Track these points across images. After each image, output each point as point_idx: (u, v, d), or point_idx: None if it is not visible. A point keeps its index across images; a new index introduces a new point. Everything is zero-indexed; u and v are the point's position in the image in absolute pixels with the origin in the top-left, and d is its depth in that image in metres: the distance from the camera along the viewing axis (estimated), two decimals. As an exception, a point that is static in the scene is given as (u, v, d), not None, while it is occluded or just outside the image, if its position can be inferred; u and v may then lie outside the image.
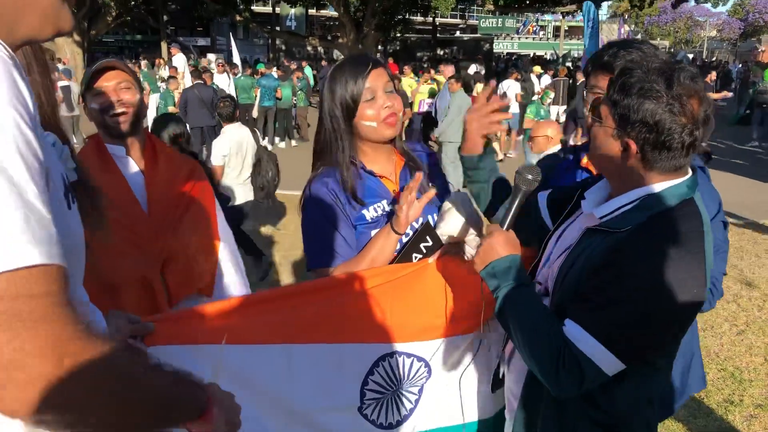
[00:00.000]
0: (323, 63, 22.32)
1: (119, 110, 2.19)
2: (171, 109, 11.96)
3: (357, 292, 1.80)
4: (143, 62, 21.08)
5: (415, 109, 12.91)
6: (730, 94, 12.31)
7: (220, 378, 1.49)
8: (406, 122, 11.54)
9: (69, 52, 21.22)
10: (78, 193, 1.09)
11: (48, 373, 0.78)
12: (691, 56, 43.38)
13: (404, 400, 1.88)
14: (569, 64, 25.11)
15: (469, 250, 1.92)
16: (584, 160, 2.09)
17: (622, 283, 1.41)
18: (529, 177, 1.68)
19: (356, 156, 1.95)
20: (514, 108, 13.34)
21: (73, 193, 1.04)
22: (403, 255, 1.91)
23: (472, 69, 15.37)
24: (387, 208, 1.95)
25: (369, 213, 1.93)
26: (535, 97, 13.71)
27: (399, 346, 1.81)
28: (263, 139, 14.48)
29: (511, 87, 14.25)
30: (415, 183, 1.84)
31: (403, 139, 2.10)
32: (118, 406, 0.87)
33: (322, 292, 1.80)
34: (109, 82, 2.20)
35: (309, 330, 1.74)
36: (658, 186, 1.46)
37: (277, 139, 14.67)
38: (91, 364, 0.82)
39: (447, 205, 1.93)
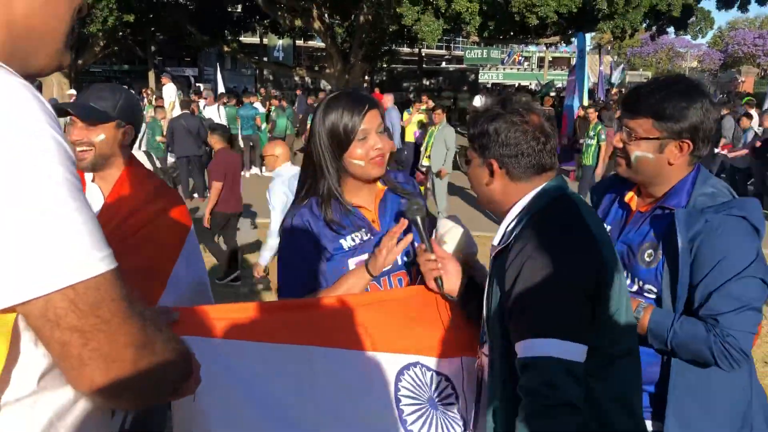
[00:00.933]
0: (298, 92, 22.45)
1: (81, 148, 2.21)
2: (159, 138, 12.00)
3: (369, 306, 1.83)
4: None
5: (408, 139, 13.08)
6: (745, 151, 11.68)
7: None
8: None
9: (56, 83, 21.32)
10: None
11: (125, 370, 0.91)
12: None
13: (450, 424, 1.83)
14: (553, 93, 25.47)
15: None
16: (627, 196, 2.11)
17: (522, 280, 1.50)
18: (414, 207, 1.92)
19: (339, 188, 1.98)
20: None
21: None
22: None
23: (477, 101, 15.46)
24: (365, 237, 1.99)
25: (347, 242, 1.97)
26: None
27: (420, 358, 1.84)
28: (250, 167, 14.53)
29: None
30: (399, 228, 1.92)
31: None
32: (161, 389, 1.04)
33: (337, 305, 1.81)
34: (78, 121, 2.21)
35: (329, 335, 1.74)
36: (527, 197, 1.64)
37: (263, 168, 14.71)
38: (161, 362, 0.97)
39: (446, 225, 1.98)
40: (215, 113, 14.46)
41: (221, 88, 17.79)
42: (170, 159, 12.40)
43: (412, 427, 1.76)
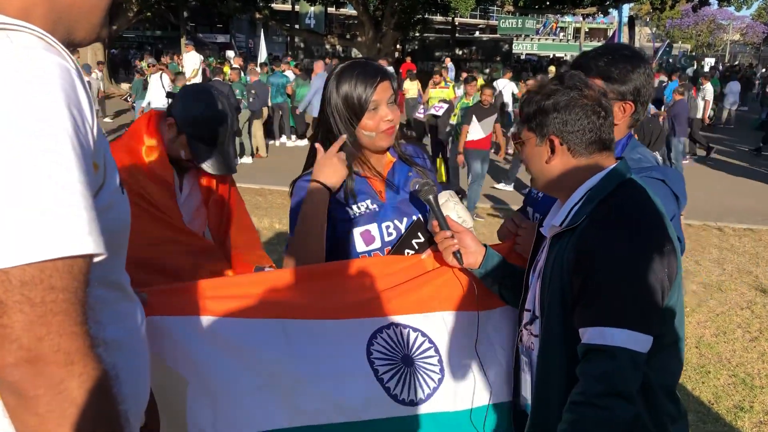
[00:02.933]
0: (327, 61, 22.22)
1: None
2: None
3: (350, 276, 1.87)
4: (165, 58, 21.15)
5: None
6: None
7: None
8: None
9: (90, 47, 21.46)
10: None
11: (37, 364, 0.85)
12: (713, 60, 42.93)
13: (425, 377, 1.90)
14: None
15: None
16: None
17: (599, 267, 1.49)
18: (426, 187, 1.91)
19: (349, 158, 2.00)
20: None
21: (123, 182, 1.16)
22: (396, 250, 1.97)
23: (502, 84, 15.16)
24: (371, 207, 2.01)
25: (352, 210, 1.99)
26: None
27: (394, 319, 1.87)
28: (279, 136, 14.55)
29: (506, 87, 14.29)
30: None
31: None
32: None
33: (315, 275, 1.86)
34: None
35: (301, 307, 1.79)
36: (594, 178, 1.61)
37: (294, 137, 14.72)
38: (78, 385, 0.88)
39: (440, 199, 1.98)
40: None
41: (262, 58, 17.59)
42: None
43: (389, 384, 1.83)
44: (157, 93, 12.14)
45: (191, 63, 16.72)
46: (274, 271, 2.00)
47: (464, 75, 15.60)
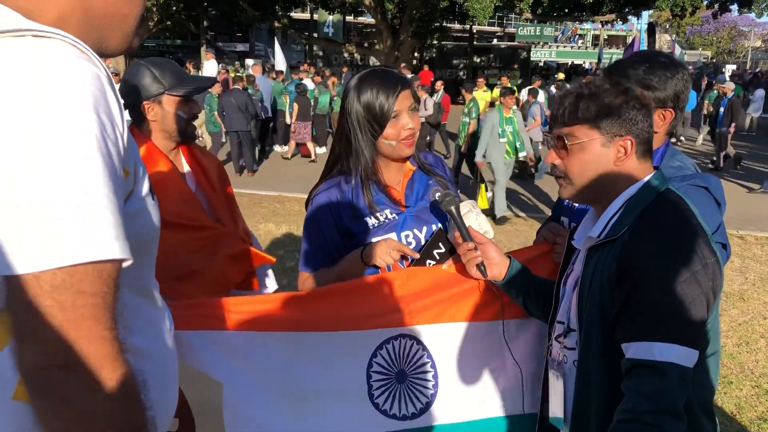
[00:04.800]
0: (344, 69, 22.19)
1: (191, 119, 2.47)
2: (215, 115, 12.10)
3: (368, 287, 1.88)
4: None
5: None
6: None
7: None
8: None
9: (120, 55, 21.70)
10: None
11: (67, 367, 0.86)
12: (734, 67, 42.47)
13: (416, 392, 1.91)
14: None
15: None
16: None
17: (645, 281, 1.44)
18: (448, 198, 1.88)
19: (372, 167, 2.00)
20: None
21: (152, 188, 1.17)
22: (417, 261, 1.96)
23: (526, 94, 15.10)
24: (390, 216, 2.01)
25: (371, 220, 1.99)
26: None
27: (402, 329, 1.88)
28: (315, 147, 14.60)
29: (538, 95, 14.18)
30: (403, 249, 1.92)
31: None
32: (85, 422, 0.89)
33: (330, 292, 1.89)
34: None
35: (314, 319, 1.82)
36: (633, 188, 1.56)
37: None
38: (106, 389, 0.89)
39: (463, 207, 1.97)
40: (265, 84, 14.52)
41: (280, 66, 17.67)
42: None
43: (378, 400, 1.87)
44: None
45: (211, 71, 16.89)
46: (291, 293, 2.04)
47: (480, 80, 15.62)
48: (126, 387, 0.91)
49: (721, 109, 13.34)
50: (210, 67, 17.17)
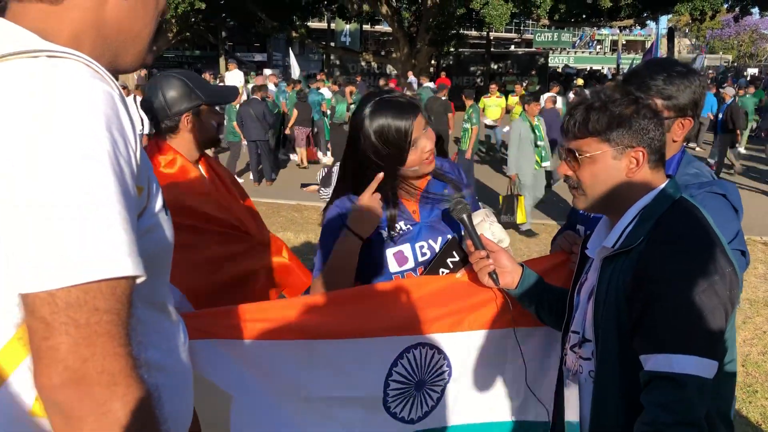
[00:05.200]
0: (358, 78, 22.14)
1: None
2: (234, 124, 12.20)
3: (382, 296, 1.88)
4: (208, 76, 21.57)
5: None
6: None
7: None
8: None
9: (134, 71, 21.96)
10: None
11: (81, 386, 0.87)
12: (755, 71, 41.99)
13: (429, 398, 1.93)
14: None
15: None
16: None
17: (662, 291, 1.43)
18: (459, 206, 1.88)
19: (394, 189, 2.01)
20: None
21: (165, 203, 1.18)
22: (430, 270, 1.96)
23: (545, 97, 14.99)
24: (404, 228, 2.01)
25: (385, 232, 1.99)
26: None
27: (420, 338, 1.87)
28: (317, 151, 14.70)
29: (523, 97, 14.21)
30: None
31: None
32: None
33: (347, 298, 1.89)
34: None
35: (328, 328, 1.81)
36: (647, 197, 1.54)
37: (329, 153, 14.81)
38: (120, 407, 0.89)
39: (474, 219, 1.97)
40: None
41: (295, 74, 17.77)
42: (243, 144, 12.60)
43: (391, 405, 1.87)
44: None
45: (235, 81, 17.05)
46: (307, 297, 2.04)
47: (493, 87, 15.57)
48: (140, 403, 0.91)
49: (720, 115, 13.20)
50: (233, 77, 17.32)
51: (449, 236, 2.03)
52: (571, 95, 15.89)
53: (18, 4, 1.03)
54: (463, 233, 1.95)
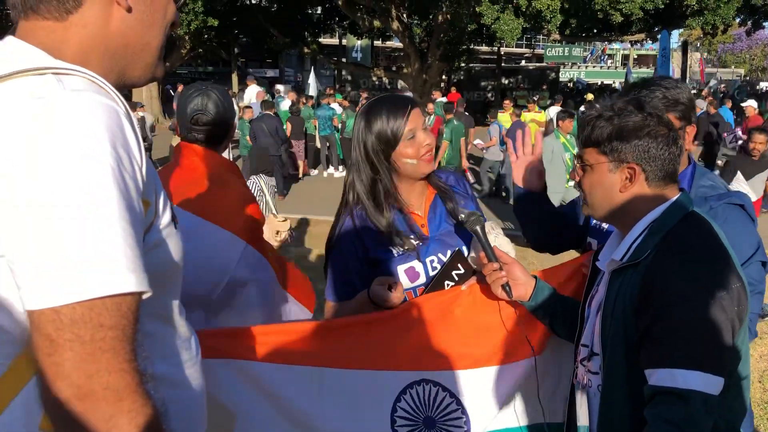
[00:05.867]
0: (362, 93, 22.27)
1: None
2: (248, 138, 12.28)
3: (391, 321, 1.85)
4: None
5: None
6: None
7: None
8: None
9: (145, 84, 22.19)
10: None
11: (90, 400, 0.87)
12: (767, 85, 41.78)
13: None
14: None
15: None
16: None
17: (668, 305, 1.42)
18: (472, 218, 1.87)
19: (392, 188, 2.00)
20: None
21: (175, 216, 1.18)
22: (436, 282, 1.94)
23: (553, 111, 14.98)
24: (414, 243, 1.99)
25: (396, 248, 1.98)
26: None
27: (427, 374, 1.83)
28: (327, 167, 14.76)
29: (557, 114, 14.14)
30: (398, 294, 1.87)
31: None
32: None
33: (354, 324, 1.86)
34: None
35: (341, 356, 1.79)
36: (657, 210, 1.53)
37: (341, 168, 14.87)
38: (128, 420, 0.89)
39: (481, 255, 1.96)
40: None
41: (311, 91, 17.82)
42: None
43: None
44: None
45: (251, 96, 17.25)
46: (316, 322, 2.03)
47: (507, 102, 15.36)
48: (148, 418, 0.91)
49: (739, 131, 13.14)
50: (252, 92, 17.50)
51: (456, 249, 2.02)
52: (582, 109, 15.90)
53: (26, 22, 1.04)
54: (474, 245, 1.95)
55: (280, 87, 24.63)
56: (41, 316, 0.86)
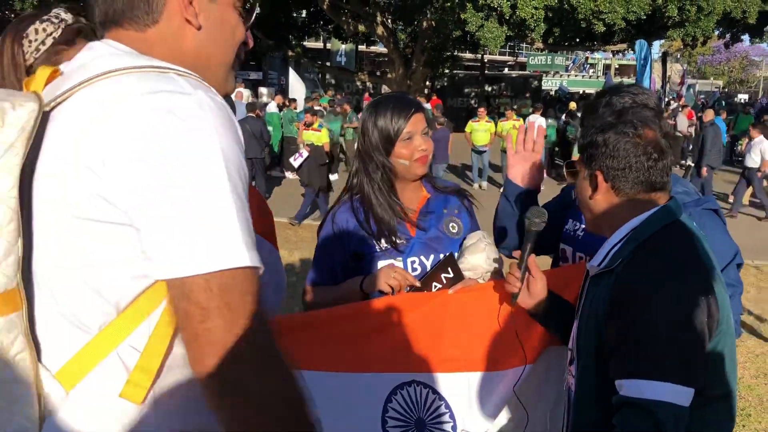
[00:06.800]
0: (338, 96, 22.24)
1: None
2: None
3: (375, 321, 1.86)
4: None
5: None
6: None
7: None
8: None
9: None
10: None
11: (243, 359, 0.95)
12: (746, 97, 42.42)
13: None
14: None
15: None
16: None
17: (634, 315, 1.42)
18: (537, 220, 1.82)
19: (386, 184, 2.04)
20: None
21: None
22: (424, 283, 1.97)
23: (533, 119, 14.92)
24: (398, 241, 2.03)
25: (380, 244, 2.02)
26: None
27: (417, 376, 1.85)
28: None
29: (537, 121, 14.18)
30: (407, 277, 1.93)
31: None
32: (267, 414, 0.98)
33: (337, 321, 1.87)
34: None
35: (325, 359, 1.80)
36: (640, 217, 1.54)
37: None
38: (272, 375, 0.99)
39: (470, 240, 1.97)
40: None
41: (293, 94, 17.73)
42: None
43: None
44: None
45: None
46: (299, 316, 2.03)
47: (482, 111, 14.81)
48: (289, 367, 1.01)
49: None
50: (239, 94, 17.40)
51: (442, 256, 2.03)
52: (563, 118, 16.06)
53: (108, 32, 1.12)
54: (466, 248, 1.97)
55: (263, 90, 24.57)
56: (192, 284, 0.93)
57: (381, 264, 2.00)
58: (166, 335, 1.02)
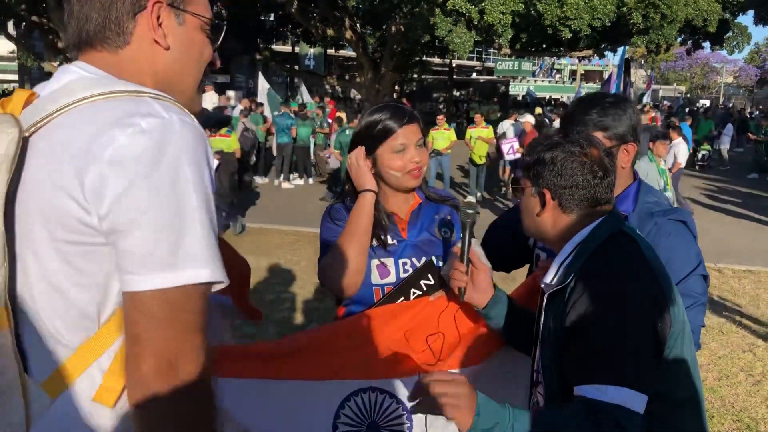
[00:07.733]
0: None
1: None
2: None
3: (343, 334, 1.87)
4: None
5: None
6: None
7: None
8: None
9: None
10: None
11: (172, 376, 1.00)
12: (707, 102, 43.41)
13: None
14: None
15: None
16: None
17: (588, 326, 1.44)
18: (470, 212, 1.86)
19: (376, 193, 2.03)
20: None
21: None
22: (401, 288, 1.95)
23: (507, 125, 14.94)
24: (390, 242, 2.03)
25: (372, 242, 2.00)
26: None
27: (375, 383, 1.85)
28: (280, 175, 14.63)
29: (509, 129, 14.29)
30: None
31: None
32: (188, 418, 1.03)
33: (304, 338, 1.91)
34: None
35: (285, 367, 1.80)
36: (584, 231, 1.57)
37: (293, 176, 14.79)
38: (196, 388, 1.03)
39: (456, 248, 1.98)
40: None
41: (261, 98, 17.63)
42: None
43: None
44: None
45: (211, 102, 16.92)
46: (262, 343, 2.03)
47: (441, 118, 13.56)
48: (213, 392, 1.07)
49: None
50: (210, 99, 17.19)
51: (434, 258, 2.02)
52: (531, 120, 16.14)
53: (82, 54, 1.16)
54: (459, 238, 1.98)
55: (231, 93, 24.36)
56: (145, 297, 0.99)
57: (374, 263, 1.99)
58: None
